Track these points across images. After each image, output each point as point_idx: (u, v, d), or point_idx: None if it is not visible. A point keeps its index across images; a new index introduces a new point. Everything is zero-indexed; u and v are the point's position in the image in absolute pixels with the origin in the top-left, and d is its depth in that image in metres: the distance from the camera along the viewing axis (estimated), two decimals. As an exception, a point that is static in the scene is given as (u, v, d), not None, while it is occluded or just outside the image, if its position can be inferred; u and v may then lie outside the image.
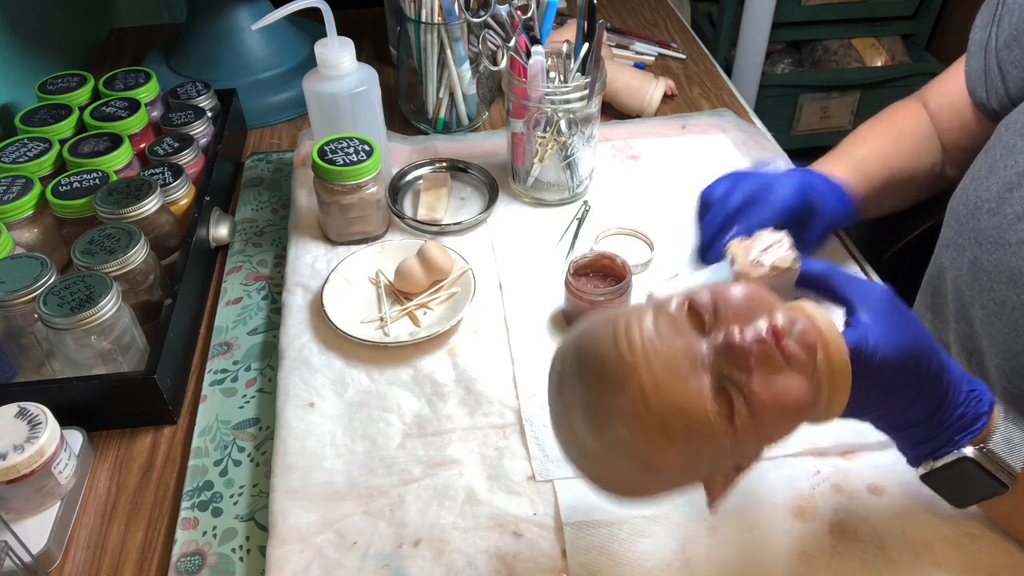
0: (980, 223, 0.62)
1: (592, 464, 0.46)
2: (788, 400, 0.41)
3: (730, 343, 0.41)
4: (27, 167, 0.78)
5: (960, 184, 0.67)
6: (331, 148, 0.78)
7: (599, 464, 0.45)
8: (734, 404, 0.41)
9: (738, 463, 0.44)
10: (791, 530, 0.57)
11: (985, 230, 0.61)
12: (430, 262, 0.74)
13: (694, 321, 0.42)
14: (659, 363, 0.41)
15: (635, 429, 0.41)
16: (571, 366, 0.44)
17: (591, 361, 0.43)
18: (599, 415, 0.42)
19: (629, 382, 0.41)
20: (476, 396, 0.67)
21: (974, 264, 0.63)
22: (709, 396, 0.40)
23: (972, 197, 0.64)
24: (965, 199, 0.65)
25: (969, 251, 0.63)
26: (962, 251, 0.64)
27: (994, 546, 0.55)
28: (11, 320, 0.65)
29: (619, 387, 0.41)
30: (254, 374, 0.71)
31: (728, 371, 0.41)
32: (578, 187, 0.87)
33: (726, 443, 0.41)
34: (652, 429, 0.41)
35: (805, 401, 0.42)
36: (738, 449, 0.42)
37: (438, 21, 0.88)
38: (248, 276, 0.81)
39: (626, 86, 1.01)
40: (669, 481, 0.44)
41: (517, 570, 0.55)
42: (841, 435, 0.62)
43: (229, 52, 1.06)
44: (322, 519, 0.58)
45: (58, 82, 0.91)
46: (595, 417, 0.43)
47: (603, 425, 0.42)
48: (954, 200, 0.67)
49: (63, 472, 0.59)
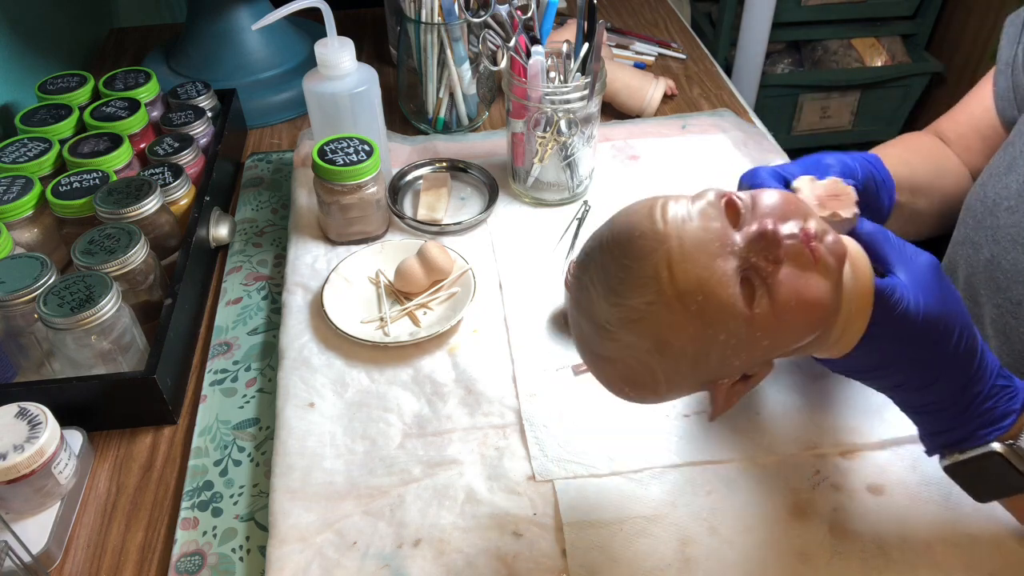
0: (998, 221, 0.61)
1: (603, 345, 0.45)
2: (809, 295, 0.42)
3: (762, 231, 0.42)
4: (27, 167, 0.78)
5: (977, 180, 0.66)
6: (331, 148, 0.78)
7: (609, 346, 0.45)
8: (756, 293, 0.42)
9: (748, 368, 0.45)
10: (791, 530, 0.57)
11: (1003, 228, 0.61)
12: (430, 262, 0.74)
13: (731, 214, 0.44)
14: (690, 238, 0.42)
15: (655, 298, 0.42)
16: (602, 238, 0.46)
17: (623, 230, 0.44)
18: (621, 281, 0.43)
19: (657, 249, 0.42)
20: (476, 396, 0.67)
21: (991, 262, 0.62)
22: (733, 278, 0.41)
23: (990, 194, 0.63)
24: (983, 196, 0.64)
25: (986, 248, 0.63)
26: (978, 248, 0.64)
27: (994, 546, 0.55)
28: (11, 320, 0.65)
29: (646, 253, 0.42)
30: (254, 374, 0.71)
31: (756, 260, 0.42)
32: (578, 187, 0.87)
33: (741, 329, 0.42)
34: (671, 300, 0.41)
35: (826, 302, 0.42)
36: (752, 342, 0.42)
37: (438, 21, 0.88)
38: (248, 276, 0.81)
39: (626, 86, 1.01)
40: (677, 371, 0.44)
41: (517, 570, 0.55)
42: (841, 435, 0.63)
43: (229, 52, 1.06)
44: (322, 519, 0.58)
45: (58, 82, 0.91)
46: (617, 284, 0.43)
47: (624, 292, 0.43)
48: (971, 197, 0.66)
49: (63, 472, 0.59)
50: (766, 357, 0.45)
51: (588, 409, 0.66)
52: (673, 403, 0.66)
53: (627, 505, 0.58)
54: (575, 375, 0.68)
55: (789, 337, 0.43)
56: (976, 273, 0.64)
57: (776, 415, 0.64)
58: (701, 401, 0.66)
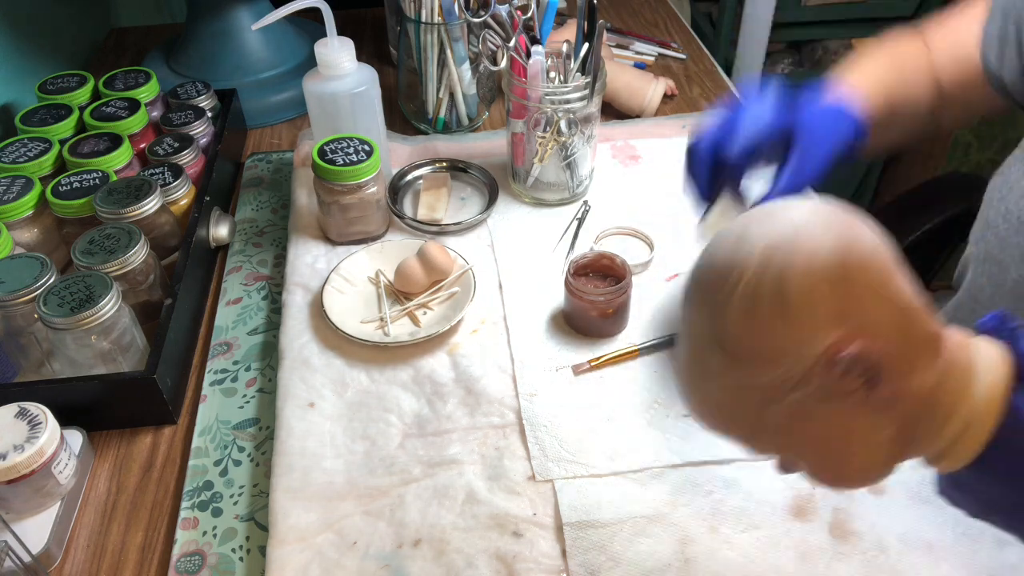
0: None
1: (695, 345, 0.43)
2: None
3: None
4: (27, 167, 0.78)
5: (994, 195, 0.64)
6: (331, 148, 0.78)
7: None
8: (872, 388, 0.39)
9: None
10: (791, 530, 0.57)
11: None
12: (430, 262, 0.74)
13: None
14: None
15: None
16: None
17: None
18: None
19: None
20: (476, 396, 0.67)
21: (1019, 282, 0.60)
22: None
23: (1014, 210, 0.61)
24: (1005, 212, 0.62)
25: (1014, 269, 0.61)
26: (1005, 268, 0.62)
27: (994, 546, 0.55)
28: (11, 320, 0.65)
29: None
30: (254, 374, 0.71)
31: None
32: (578, 187, 0.87)
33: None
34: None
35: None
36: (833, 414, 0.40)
37: (438, 21, 0.88)
38: (248, 276, 0.81)
39: (626, 86, 1.01)
40: (747, 399, 0.41)
41: (517, 570, 0.55)
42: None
43: (229, 52, 1.06)
44: (322, 519, 0.58)
45: (58, 82, 0.91)
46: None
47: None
48: (990, 211, 0.64)
49: (63, 472, 0.59)
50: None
51: (588, 409, 0.66)
52: (673, 403, 0.66)
53: (627, 505, 0.58)
54: (575, 375, 0.68)
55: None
56: (1003, 293, 0.62)
57: (776, 415, 0.64)
58: (701, 401, 0.66)
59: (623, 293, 0.69)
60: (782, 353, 0.39)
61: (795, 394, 0.39)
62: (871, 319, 0.39)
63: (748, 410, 0.41)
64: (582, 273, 0.73)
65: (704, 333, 0.41)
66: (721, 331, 0.40)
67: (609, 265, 0.72)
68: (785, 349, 0.39)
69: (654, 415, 0.65)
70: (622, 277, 0.71)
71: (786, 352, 0.39)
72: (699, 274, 0.42)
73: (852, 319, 0.38)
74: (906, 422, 0.41)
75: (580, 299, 0.69)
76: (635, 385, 0.67)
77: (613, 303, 0.69)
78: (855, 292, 0.39)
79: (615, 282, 0.72)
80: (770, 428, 0.41)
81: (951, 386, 0.41)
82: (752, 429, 0.42)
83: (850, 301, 0.38)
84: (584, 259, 0.73)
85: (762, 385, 0.40)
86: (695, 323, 0.42)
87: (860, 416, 0.40)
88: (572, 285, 0.70)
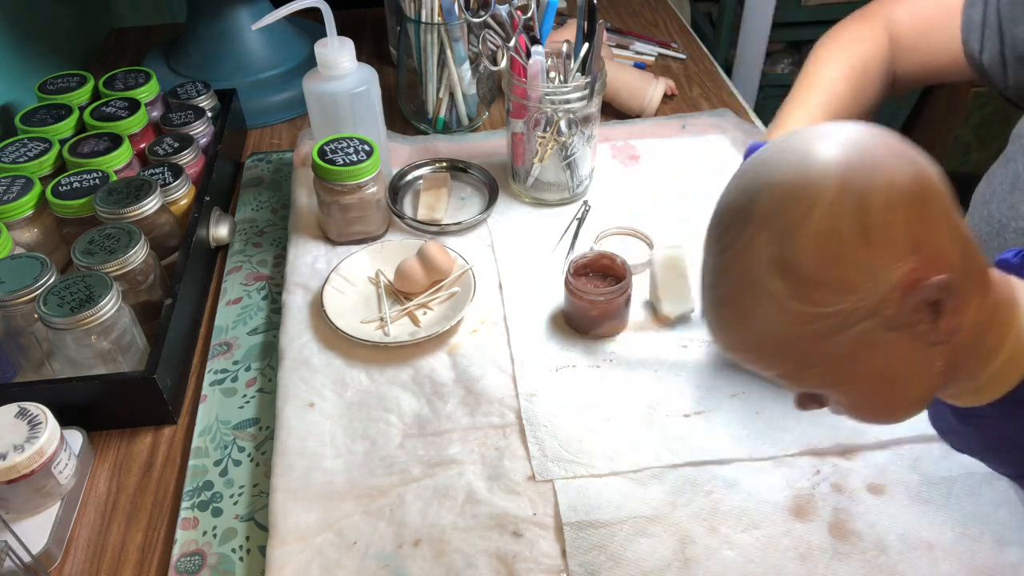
0: (1007, 243, 0.60)
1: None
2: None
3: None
4: (27, 167, 0.78)
5: (979, 199, 0.65)
6: (331, 148, 0.78)
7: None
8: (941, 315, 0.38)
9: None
10: (791, 530, 0.57)
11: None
12: (430, 262, 0.74)
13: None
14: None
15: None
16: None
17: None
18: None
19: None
20: (476, 396, 0.67)
21: None
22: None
23: (996, 214, 0.61)
24: (988, 215, 0.62)
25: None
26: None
27: (994, 546, 0.55)
28: (11, 320, 0.65)
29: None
30: (254, 374, 0.71)
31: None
32: (578, 187, 0.87)
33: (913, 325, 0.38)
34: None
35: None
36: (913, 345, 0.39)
37: (438, 21, 0.88)
38: (248, 276, 0.81)
39: (626, 86, 1.01)
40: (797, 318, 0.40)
41: (517, 570, 0.55)
42: (841, 435, 0.63)
43: (229, 52, 1.06)
44: (322, 519, 0.58)
45: (58, 82, 0.91)
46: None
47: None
48: (973, 216, 0.65)
49: (63, 472, 0.59)
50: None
51: (588, 409, 0.66)
52: (673, 403, 0.66)
53: (627, 505, 0.58)
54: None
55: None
56: None
57: (776, 415, 0.64)
58: (701, 401, 0.66)
59: (623, 293, 0.69)
60: (860, 281, 0.37)
61: (865, 323, 0.38)
62: (942, 249, 0.38)
63: (805, 341, 0.39)
64: (582, 273, 0.73)
65: (765, 258, 0.38)
66: (791, 256, 0.38)
67: (609, 265, 0.72)
68: (863, 277, 0.37)
69: (654, 415, 0.65)
70: (622, 277, 0.71)
71: (864, 280, 0.37)
72: (754, 194, 0.39)
73: (925, 248, 0.38)
74: (957, 356, 0.41)
75: (580, 299, 0.69)
76: (635, 385, 0.67)
77: (613, 303, 0.69)
78: (930, 220, 0.38)
79: (615, 282, 0.72)
80: (827, 360, 0.40)
81: (999, 321, 0.42)
82: (803, 361, 0.40)
83: (925, 229, 0.38)
84: (584, 259, 0.73)
85: (832, 314, 0.38)
86: (751, 248, 0.39)
87: (919, 349, 0.40)
88: (572, 285, 0.70)
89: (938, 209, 0.38)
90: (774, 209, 0.38)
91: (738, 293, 0.40)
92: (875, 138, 0.39)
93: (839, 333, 0.38)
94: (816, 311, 0.38)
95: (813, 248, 0.37)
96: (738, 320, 0.41)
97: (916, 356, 0.40)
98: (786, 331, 0.39)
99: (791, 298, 0.38)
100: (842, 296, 0.38)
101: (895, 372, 0.40)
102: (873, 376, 0.40)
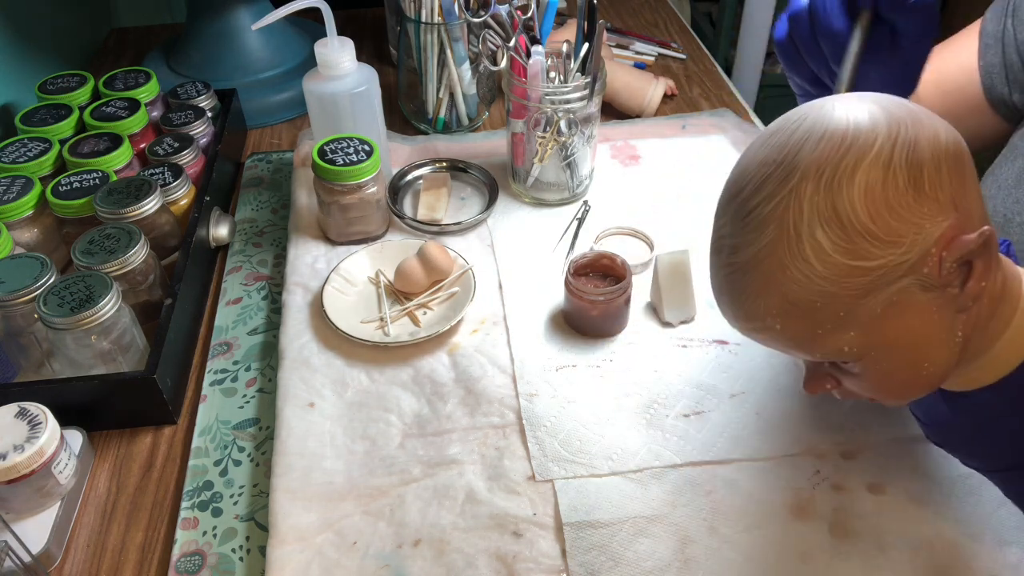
0: (1011, 237, 0.60)
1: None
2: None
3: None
4: (27, 167, 0.78)
5: (984, 193, 0.63)
6: (331, 148, 0.78)
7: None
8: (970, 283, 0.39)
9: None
10: (791, 530, 0.57)
11: (1017, 244, 0.59)
12: (430, 262, 0.74)
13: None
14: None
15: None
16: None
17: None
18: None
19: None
20: (476, 396, 0.67)
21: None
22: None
23: (1000, 209, 0.61)
24: (992, 210, 0.62)
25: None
26: None
27: (994, 546, 0.55)
28: (11, 320, 0.65)
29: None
30: (254, 374, 0.71)
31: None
32: (578, 187, 0.87)
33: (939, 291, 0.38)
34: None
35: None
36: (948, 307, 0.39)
37: (438, 21, 0.88)
38: (248, 276, 0.81)
39: (626, 86, 1.01)
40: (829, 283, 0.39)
41: (517, 570, 0.55)
42: (841, 435, 0.63)
43: (229, 52, 1.06)
44: (322, 519, 0.58)
45: (58, 82, 0.91)
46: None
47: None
48: None
49: (63, 472, 0.59)
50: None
51: (588, 409, 0.66)
52: (673, 403, 0.66)
53: (627, 505, 0.58)
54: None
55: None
56: None
57: (776, 415, 0.64)
58: (701, 401, 0.66)
59: (623, 293, 0.69)
60: (906, 232, 0.37)
61: (903, 280, 0.38)
62: (973, 209, 0.39)
63: (840, 300, 0.39)
64: (582, 273, 0.73)
65: (811, 210, 0.38)
66: (841, 206, 0.37)
67: (609, 265, 0.72)
68: (910, 229, 0.37)
69: (654, 415, 0.65)
70: (622, 277, 0.71)
71: (910, 232, 0.37)
72: (796, 148, 0.39)
73: (962, 206, 0.38)
74: (974, 325, 0.41)
75: (580, 299, 0.69)
76: (635, 385, 0.67)
77: (613, 303, 0.69)
78: (965, 179, 0.38)
79: (615, 282, 0.72)
80: (860, 321, 0.39)
81: (1009, 294, 0.42)
82: (832, 326, 0.40)
83: (963, 187, 0.38)
84: (584, 259, 0.73)
85: (873, 268, 0.38)
86: (795, 200, 0.38)
87: (946, 315, 0.40)
88: (572, 285, 0.70)
89: (971, 170, 0.39)
90: (822, 160, 0.38)
91: (773, 250, 0.39)
92: (905, 102, 0.40)
93: (877, 291, 0.38)
94: (860, 264, 0.38)
95: (864, 198, 0.37)
96: (768, 282, 0.40)
97: (944, 322, 0.40)
98: (824, 288, 0.39)
99: (836, 250, 0.38)
100: (888, 249, 0.37)
101: (924, 337, 0.40)
102: (902, 341, 0.40)
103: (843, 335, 0.40)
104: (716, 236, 0.43)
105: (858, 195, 0.37)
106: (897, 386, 0.43)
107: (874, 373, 0.42)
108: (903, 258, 0.37)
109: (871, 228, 0.37)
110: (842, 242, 0.37)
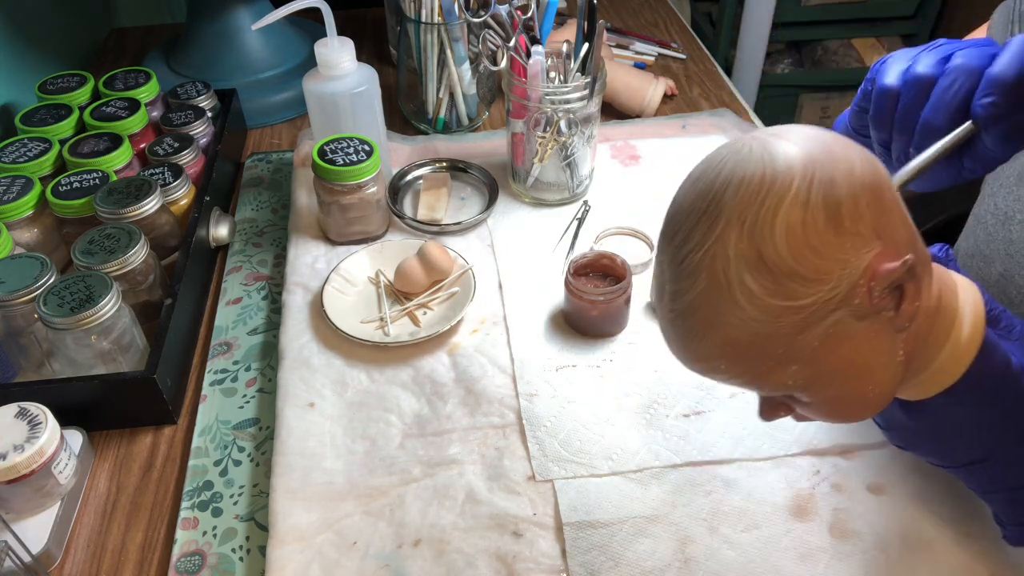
0: (1011, 234, 0.60)
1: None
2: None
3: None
4: (27, 167, 0.78)
5: (987, 191, 0.65)
6: (331, 148, 0.78)
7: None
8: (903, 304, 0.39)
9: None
10: (791, 530, 0.57)
11: (1017, 242, 0.59)
12: (430, 262, 0.74)
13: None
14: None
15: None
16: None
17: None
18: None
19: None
20: (476, 396, 0.67)
21: (1004, 276, 0.61)
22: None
23: (1002, 206, 0.61)
24: (994, 207, 0.62)
25: (999, 263, 0.61)
26: (990, 262, 0.62)
27: (994, 546, 0.55)
28: (11, 320, 0.65)
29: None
30: (254, 374, 0.71)
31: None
32: (578, 187, 0.87)
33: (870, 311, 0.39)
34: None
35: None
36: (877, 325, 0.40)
37: (438, 21, 0.88)
38: (248, 276, 0.81)
39: (626, 86, 1.01)
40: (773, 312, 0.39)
41: (517, 570, 0.55)
42: (841, 435, 0.63)
43: (229, 52, 1.06)
44: (322, 519, 0.58)
45: (58, 82, 0.91)
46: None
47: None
48: (980, 207, 0.65)
49: (63, 472, 0.59)
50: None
51: (588, 409, 0.66)
52: (673, 403, 0.66)
53: (627, 505, 0.58)
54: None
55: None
56: (988, 287, 0.63)
57: (776, 415, 0.64)
58: (700, 401, 0.66)
59: (623, 293, 0.69)
60: (832, 268, 0.38)
61: (837, 313, 0.38)
62: (898, 235, 0.39)
63: (778, 338, 0.39)
64: (582, 273, 0.73)
65: (737, 256, 0.38)
66: (765, 250, 0.38)
67: (609, 265, 0.72)
68: (835, 265, 0.38)
69: (654, 415, 0.65)
70: (622, 277, 0.71)
71: (836, 267, 0.38)
72: (719, 193, 0.39)
73: (886, 234, 0.38)
74: (915, 342, 0.42)
75: (580, 299, 0.69)
76: (635, 385, 0.68)
77: (613, 303, 0.69)
78: (886, 207, 0.39)
79: (615, 282, 0.72)
80: (801, 356, 0.40)
81: (945, 307, 0.43)
82: (777, 360, 0.40)
83: (884, 216, 0.38)
84: (584, 259, 0.73)
85: (805, 306, 0.38)
86: (722, 247, 0.39)
87: (884, 336, 0.40)
88: (572, 285, 0.70)
89: (890, 196, 0.39)
90: (743, 206, 0.38)
91: (708, 296, 0.40)
92: (824, 133, 0.40)
93: (812, 327, 0.39)
94: (790, 304, 0.38)
95: (787, 240, 0.37)
96: (707, 326, 0.41)
97: (883, 345, 0.40)
98: (760, 329, 0.39)
99: (765, 293, 0.38)
100: (815, 287, 0.38)
101: (865, 363, 0.41)
102: (845, 369, 0.41)
103: (786, 370, 0.41)
104: (657, 281, 0.44)
105: (780, 238, 0.37)
106: (847, 410, 0.44)
107: (823, 400, 0.43)
108: (832, 293, 0.38)
109: (797, 269, 0.38)
110: (770, 284, 0.38)
